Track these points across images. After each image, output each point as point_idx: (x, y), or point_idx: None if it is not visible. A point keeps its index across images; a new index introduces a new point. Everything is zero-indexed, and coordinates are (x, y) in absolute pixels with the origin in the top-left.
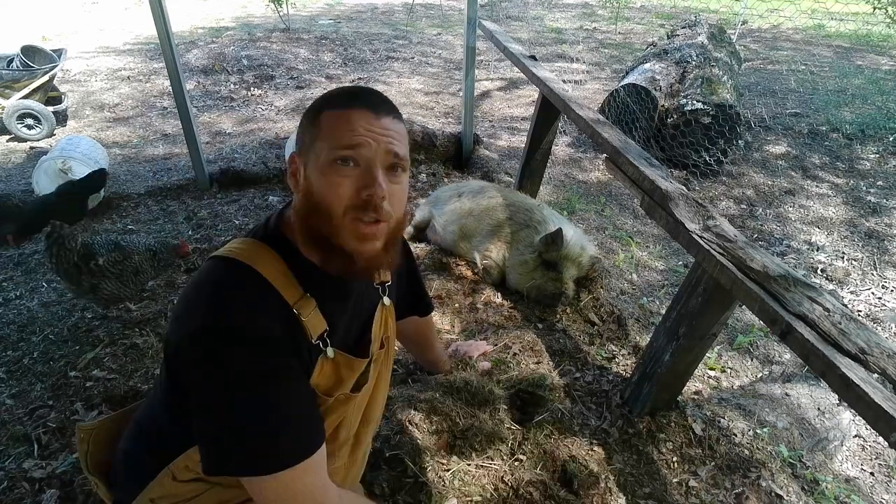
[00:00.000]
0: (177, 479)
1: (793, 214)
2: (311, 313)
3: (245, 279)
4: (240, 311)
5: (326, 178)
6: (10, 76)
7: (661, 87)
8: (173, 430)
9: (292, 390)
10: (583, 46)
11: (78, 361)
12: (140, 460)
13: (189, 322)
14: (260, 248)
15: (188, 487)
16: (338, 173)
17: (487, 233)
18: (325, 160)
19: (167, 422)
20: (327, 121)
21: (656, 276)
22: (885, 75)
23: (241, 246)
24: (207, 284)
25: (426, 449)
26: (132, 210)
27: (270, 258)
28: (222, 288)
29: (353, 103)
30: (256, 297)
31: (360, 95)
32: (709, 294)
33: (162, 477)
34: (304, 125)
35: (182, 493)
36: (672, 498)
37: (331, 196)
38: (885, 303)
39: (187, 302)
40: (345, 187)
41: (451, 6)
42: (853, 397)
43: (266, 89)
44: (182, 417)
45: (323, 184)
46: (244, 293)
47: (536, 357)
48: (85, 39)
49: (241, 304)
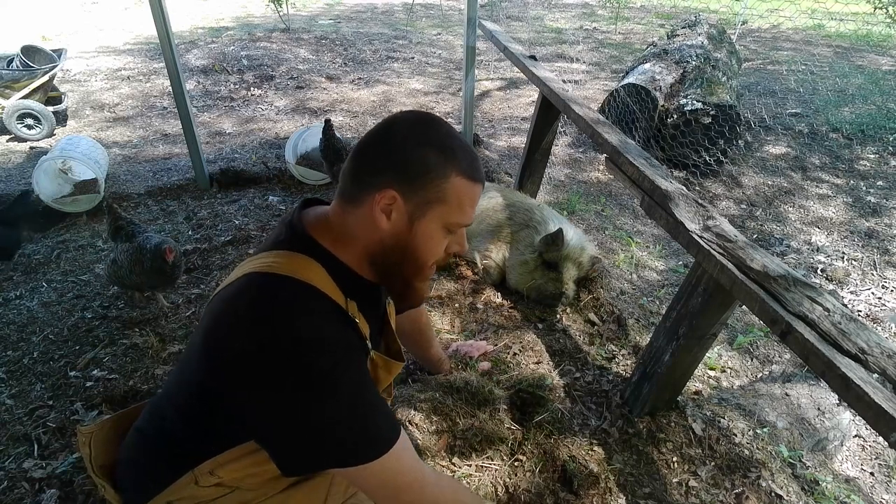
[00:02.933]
0: (199, 483)
1: (793, 214)
2: (356, 315)
3: (296, 289)
4: (302, 318)
5: (438, 238)
6: (10, 76)
7: (661, 87)
8: (190, 438)
9: (367, 378)
10: (583, 46)
11: (78, 361)
12: (147, 469)
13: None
14: (299, 259)
15: (209, 491)
16: (444, 236)
17: (487, 233)
18: (441, 224)
19: (184, 436)
20: (455, 190)
21: (656, 276)
22: (885, 75)
23: (279, 259)
24: (259, 300)
25: (426, 449)
26: (132, 210)
27: (314, 268)
28: (277, 301)
29: (479, 177)
30: (312, 304)
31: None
32: (709, 294)
33: (184, 481)
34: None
35: (201, 496)
36: (672, 498)
37: (434, 252)
38: (885, 303)
39: (234, 317)
40: (443, 247)
41: (451, 6)
42: (853, 397)
43: (266, 89)
44: (206, 432)
45: (432, 241)
46: (299, 302)
47: (536, 357)
48: (85, 39)
49: (301, 310)
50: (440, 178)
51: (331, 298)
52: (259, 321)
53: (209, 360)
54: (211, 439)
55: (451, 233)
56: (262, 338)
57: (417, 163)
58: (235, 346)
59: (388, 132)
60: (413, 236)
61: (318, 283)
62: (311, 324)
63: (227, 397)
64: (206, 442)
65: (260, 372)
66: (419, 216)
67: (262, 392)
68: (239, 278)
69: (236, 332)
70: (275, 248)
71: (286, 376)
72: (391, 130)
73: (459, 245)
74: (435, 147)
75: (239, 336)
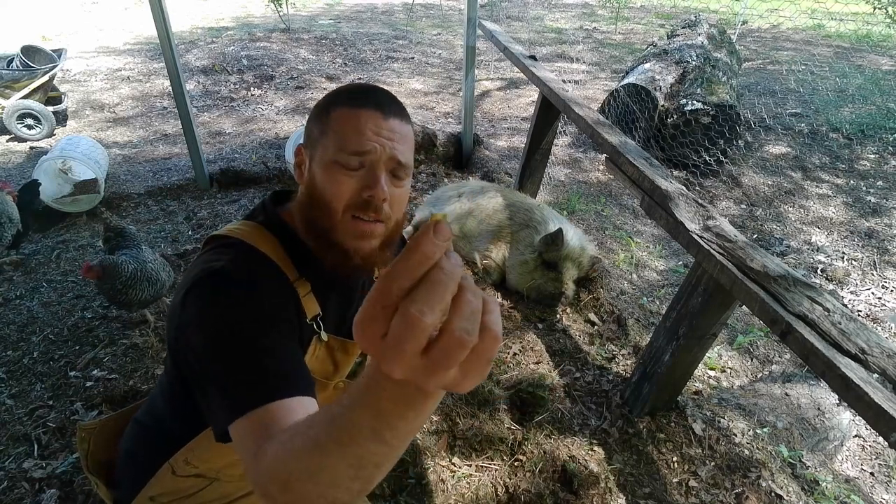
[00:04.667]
0: (176, 473)
1: (793, 214)
2: (306, 294)
3: (246, 253)
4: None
5: (330, 175)
6: (10, 76)
7: (661, 87)
8: (174, 425)
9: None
10: (583, 46)
11: (78, 361)
12: (141, 459)
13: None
14: (258, 230)
15: (188, 483)
16: (342, 172)
17: (487, 233)
18: (330, 158)
19: (168, 415)
20: (337, 118)
21: (656, 276)
22: (885, 75)
23: (241, 226)
24: (207, 253)
25: (426, 449)
26: (132, 210)
27: (268, 239)
28: (222, 255)
29: (364, 103)
30: (257, 264)
31: (371, 95)
32: (709, 294)
33: (162, 472)
34: (313, 118)
35: (183, 489)
36: (672, 498)
37: (333, 193)
38: (885, 303)
39: (187, 272)
40: (347, 185)
41: (451, 6)
42: (853, 397)
43: (266, 89)
44: (182, 409)
45: (326, 180)
46: (245, 260)
47: (536, 357)
48: (85, 39)
49: (241, 261)
50: (323, 116)
51: (278, 266)
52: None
53: (171, 312)
54: (188, 422)
55: (350, 168)
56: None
57: (312, 115)
58: (183, 290)
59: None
60: (311, 178)
61: (267, 252)
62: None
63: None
64: (185, 426)
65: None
66: (314, 157)
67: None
68: (205, 240)
69: (185, 279)
70: (246, 219)
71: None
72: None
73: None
74: (327, 97)
75: (186, 280)
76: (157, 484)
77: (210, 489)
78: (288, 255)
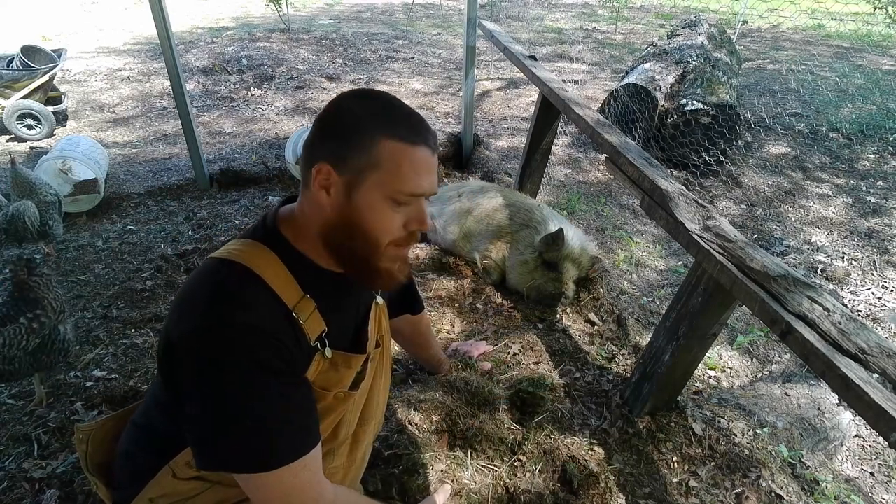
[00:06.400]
0: (177, 476)
1: (793, 214)
2: (310, 315)
3: (244, 281)
4: (238, 312)
5: (381, 212)
6: (10, 76)
7: (661, 87)
8: (170, 429)
9: (291, 389)
10: (583, 46)
11: (78, 361)
12: (139, 460)
13: (186, 322)
14: (258, 249)
15: (188, 486)
16: (393, 208)
17: (488, 233)
18: (385, 195)
19: (164, 420)
20: (391, 153)
21: (656, 276)
22: (885, 75)
23: (240, 247)
24: (206, 285)
25: (426, 449)
26: (132, 210)
27: (269, 259)
28: (221, 289)
29: (416, 140)
30: (255, 299)
31: (421, 130)
32: (709, 294)
33: (162, 475)
34: (348, 140)
35: (182, 492)
36: (672, 498)
37: (383, 228)
38: (885, 303)
39: (184, 302)
40: (397, 222)
41: (451, 6)
42: (853, 397)
43: (266, 89)
44: (177, 416)
45: (377, 215)
46: (243, 295)
47: (536, 357)
48: (85, 39)
49: (240, 304)
50: (369, 143)
51: (277, 295)
52: (195, 306)
53: (163, 341)
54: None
55: (400, 204)
56: (192, 323)
57: (346, 130)
58: (178, 329)
59: (328, 108)
60: (354, 209)
61: (268, 275)
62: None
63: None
64: (181, 431)
65: (188, 353)
66: (355, 186)
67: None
68: (204, 261)
69: (181, 315)
70: (245, 237)
71: (203, 361)
72: (330, 105)
73: (419, 220)
74: (365, 113)
75: (180, 319)
76: (156, 486)
77: (209, 493)
78: (290, 270)
